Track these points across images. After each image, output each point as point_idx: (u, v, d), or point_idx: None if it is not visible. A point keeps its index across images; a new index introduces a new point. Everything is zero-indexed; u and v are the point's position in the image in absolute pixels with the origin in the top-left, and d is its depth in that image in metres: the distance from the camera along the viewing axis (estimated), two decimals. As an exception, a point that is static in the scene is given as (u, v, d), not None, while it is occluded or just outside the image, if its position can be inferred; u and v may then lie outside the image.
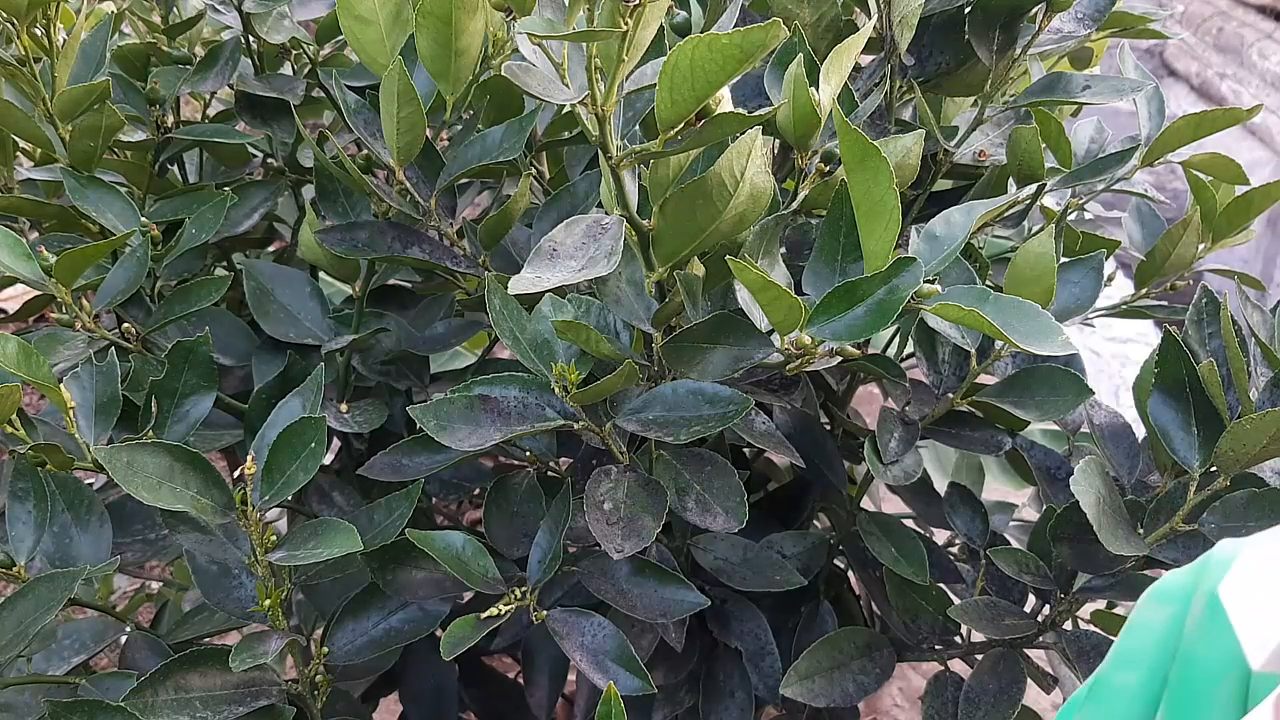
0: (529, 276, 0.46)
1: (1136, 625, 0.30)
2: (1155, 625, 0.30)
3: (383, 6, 0.58)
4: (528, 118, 0.61)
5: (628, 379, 0.50)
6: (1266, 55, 2.87)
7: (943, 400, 0.63)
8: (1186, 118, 0.63)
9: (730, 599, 0.68)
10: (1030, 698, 0.64)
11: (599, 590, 0.57)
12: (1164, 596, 0.30)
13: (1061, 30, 0.63)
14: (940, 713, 0.65)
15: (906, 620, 0.68)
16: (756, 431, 0.59)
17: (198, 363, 0.59)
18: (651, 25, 0.44)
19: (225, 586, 0.57)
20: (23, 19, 0.61)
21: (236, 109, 0.75)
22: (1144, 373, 0.61)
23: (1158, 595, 0.30)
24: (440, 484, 0.70)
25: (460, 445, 0.52)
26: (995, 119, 0.68)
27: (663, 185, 0.53)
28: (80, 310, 0.60)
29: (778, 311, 0.48)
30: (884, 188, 0.46)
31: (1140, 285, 0.72)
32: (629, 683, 0.53)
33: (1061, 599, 0.62)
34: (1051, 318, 0.48)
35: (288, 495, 0.52)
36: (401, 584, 0.58)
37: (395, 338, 0.72)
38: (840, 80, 0.53)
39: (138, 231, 0.63)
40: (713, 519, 0.54)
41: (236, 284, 0.72)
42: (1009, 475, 0.90)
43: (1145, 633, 0.30)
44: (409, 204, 0.61)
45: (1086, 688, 0.30)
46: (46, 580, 0.52)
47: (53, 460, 0.54)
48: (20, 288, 0.67)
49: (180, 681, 0.52)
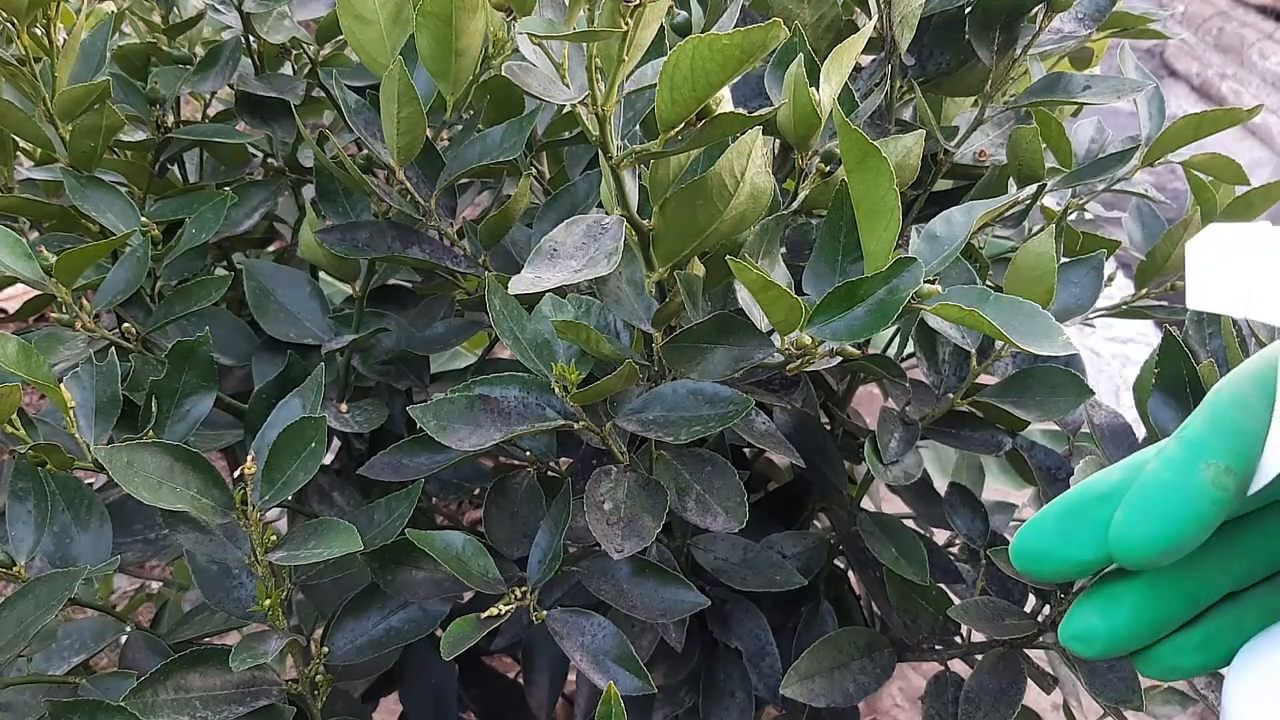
0: (529, 276, 0.46)
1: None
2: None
3: (383, 6, 0.58)
4: (528, 118, 0.61)
5: (628, 379, 0.50)
6: (1266, 55, 2.87)
7: (943, 400, 0.63)
8: (1187, 118, 0.63)
9: (730, 599, 0.68)
10: (1030, 698, 0.64)
11: (599, 590, 0.57)
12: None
13: (1062, 30, 0.63)
14: (940, 713, 0.65)
15: (906, 620, 0.68)
16: (756, 431, 0.59)
17: (198, 363, 0.59)
18: (652, 25, 0.44)
19: (225, 586, 0.57)
20: (23, 19, 0.61)
21: (236, 109, 0.75)
22: (1144, 373, 0.61)
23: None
24: (440, 484, 0.70)
25: (460, 445, 0.52)
26: (995, 119, 0.68)
27: (663, 185, 0.53)
28: (80, 310, 0.60)
29: (778, 311, 0.48)
30: (884, 188, 0.46)
31: (1140, 285, 0.72)
32: (629, 683, 0.53)
33: (1062, 599, 0.62)
34: (1052, 318, 0.48)
35: (288, 495, 0.52)
36: (401, 584, 0.57)
37: (395, 338, 0.71)
38: (840, 80, 0.53)
39: (138, 231, 0.63)
40: (713, 519, 0.54)
41: (236, 284, 0.72)
42: (1009, 475, 0.90)
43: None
44: (409, 204, 0.61)
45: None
46: (46, 580, 0.52)
47: (53, 460, 0.54)
48: (20, 288, 0.67)
49: (180, 681, 0.52)
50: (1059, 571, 0.28)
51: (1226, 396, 0.27)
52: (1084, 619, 0.28)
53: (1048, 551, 0.27)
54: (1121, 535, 0.26)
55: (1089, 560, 0.27)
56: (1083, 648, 0.28)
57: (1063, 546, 0.27)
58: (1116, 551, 0.26)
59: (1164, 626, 0.28)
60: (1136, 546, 0.25)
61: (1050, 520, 0.28)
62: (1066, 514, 0.28)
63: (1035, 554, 0.28)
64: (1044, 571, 0.28)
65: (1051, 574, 0.28)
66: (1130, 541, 0.26)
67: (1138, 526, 0.25)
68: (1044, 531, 0.28)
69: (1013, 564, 0.29)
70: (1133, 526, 0.25)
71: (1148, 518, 0.25)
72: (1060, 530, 0.27)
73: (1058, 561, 0.27)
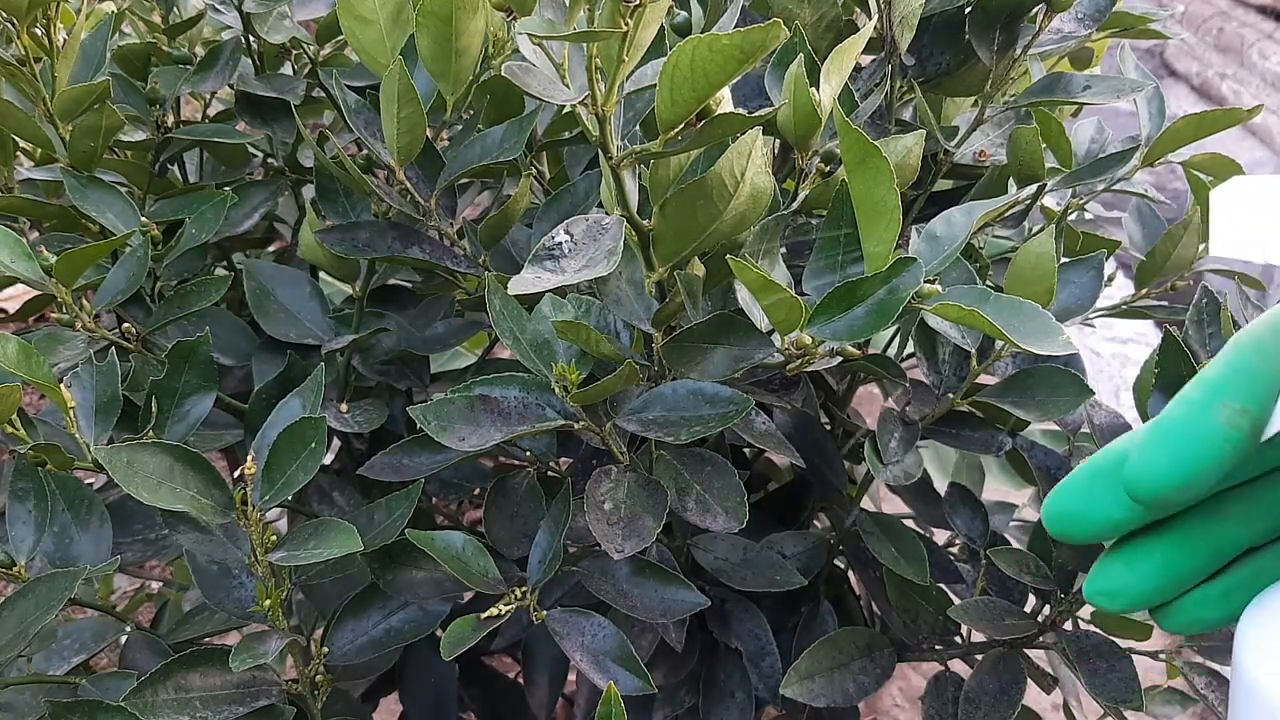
0: (529, 276, 0.46)
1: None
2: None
3: (383, 6, 0.58)
4: (528, 118, 0.61)
5: (628, 379, 0.50)
6: (1266, 55, 2.87)
7: (943, 400, 0.63)
8: (1187, 118, 0.63)
9: (730, 599, 0.68)
10: (1030, 698, 0.65)
11: (599, 590, 0.57)
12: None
13: (1062, 30, 0.63)
14: (940, 713, 0.65)
15: (906, 620, 0.68)
16: (756, 431, 0.59)
17: (198, 363, 0.59)
18: (652, 26, 0.44)
19: (225, 586, 0.57)
20: (23, 19, 0.61)
21: (236, 109, 0.75)
22: (1144, 373, 0.61)
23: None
24: (440, 484, 0.70)
25: (460, 445, 0.52)
26: (995, 119, 0.68)
27: (663, 185, 0.53)
28: (80, 310, 0.60)
29: (778, 311, 0.48)
30: (884, 188, 0.46)
31: (1140, 285, 0.72)
32: (629, 683, 0.53)
33: (1061, 599, 0.62)
34: (1052, 318, 0.48)
35: (288, 495, 0.52)
36: (401, 584, 0.58)
37: (395, 338, 0.71)
38: (841, 80, 0.53)
39: (138, 231, 0.63)
40: (713, 519, 0.54)
41: (236, 284, 0.72)
42: (1009, 475, 0.90)
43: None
44: (409, 204, 0.61)
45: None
46: (46, 580, 0.52)
47: (53, 460, 0.54)
48: (20, 288, 0.67)
49: (180, 681, 0.52)
50: (1093, 531, 0.28)
51: (1246, 342, 0.27)
52: (1110, 573, 0.28)
53: (1079, 512, 0.28)
54: (1137, 472, 0.26)
55: (1121, 518, 0.27)
56: (1108, 602, 0.28)
57: (1094, 505, 0.27)
58: (1131, 488, 0.26)
59: (1188, 580, 0.28)
60: (1151, 482, 0.25)
61: (1080, 481, 0.28)
62: (1095, 474, 0.28)
63: (1068, 515, 0.28)
64: (1077, 532, 0.28)
65: (1085, 534, 0.28)
66: (1145, 478, 0.26)
67: (1153, 463, 0.25)
68: (1075, 492, 0.28)
69: (1046, 528, 0.29)
70: (1148, 463, 0.25)
71: (1163, 454, 0.25)
72: (1090, 490, 0.28)
73: (1090, 522, 0.28)
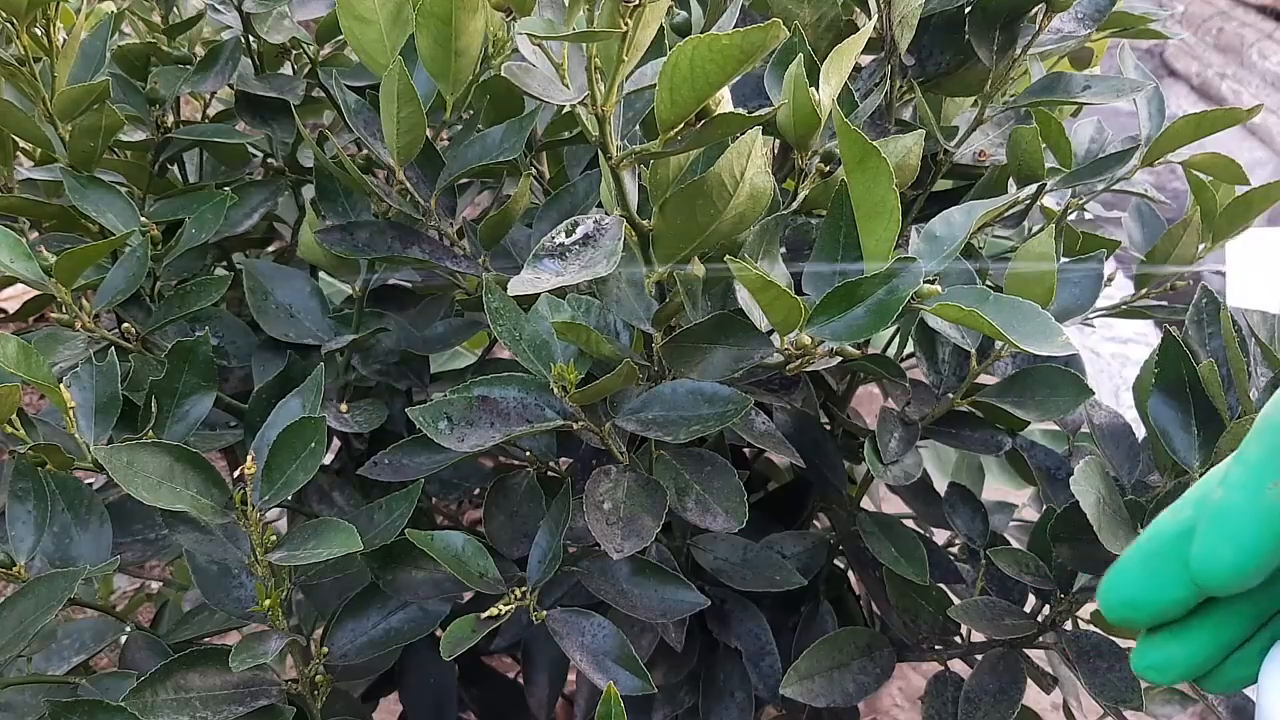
0: (529, 277, 0.46)
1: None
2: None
3: (383, 6, 0.58)
4: (528, 118, 0.61)
5: (627, 379, 0.50)
6: (1266, 55, 2.87)
7: (943, 400, 0.63)
8: (1186, 118, 0.63)
9: (730, 599, 0.68)
10: (1030, 698, 0.64)
11: (599, 590, 0.57)
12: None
13: (1061, 30, 0.63)
14: (940, 713, 0.65)
15: (906, 620, 0.68)
16: (756, 431, 0.59)
17: (198, 363, 0.59)
18: (651, 26, 0.44)
19: (225, 586, 0.57)
20: (23, 19, 0.61)
21: (236, 109, 0.75)
22: (1144, 373, 0.61)
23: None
24: (440, 484, 0.70)
25: (460, 445, 0.52)
26: (995, 119, 0.68)
27: (663, 185, 0.53)
28: (80, 310, 0.60)
29: (778, 311, 0.48)
30: (884, 188, 0.46)
31: (1140, 285, 0.72)
32: (629, 682, 0.53)
33: (1061, 599, 0.62)
34: (1051, 318, 0.48)
35: (288, 495, 0.52)
36: (401, 584, 0.58)
37: (395, 338, 0.72)
38: (840, 80, 0.53)
39: (138, 231, 0.63)
40: (713, 519, 0.54)
41: (236, 284, 0.72)
42: (1009, 475, 0.90)
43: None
44: (409, 204, 0.61)
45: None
46: (46, 580, 0.52)
47: (53, 460, 0.54)
48: (20, 288, 0.67)
49: (180, 681, 0.52)
50: (1158, 615, 0.27)
51: (1275, 420, 0.27)
52: (1164, 649, 0.28)
53: (1142, 599, 0.27)
54: (1204, 564, 0.26)
55: (1183, 598, 0.27)
56: (1159, 676, 0.28)
57: (1156, 590, 0.27)
58: (1201, 580, 0.26)
59: (1233, 647, 0.28)
60: (1221, 572, 0.26)
61: (1135, 566, 0.28)
62: (1150, 557, 0.27)
63: (1129, 603, 0.28)
64: (1141, 618, 0.28)
65: (1149, 618, 0.28)
66: (1214, 569, 0.26)
67: (1218, 554, 0.26)
68: (1132, 579, 0.28)
69: (1106, 618, 0.28)
70: (1213, 554, 0.26)
71: (1227, 543, 0.26)
72: (1147, 574, 0.27)
73: (1154, 605, 0.27)
